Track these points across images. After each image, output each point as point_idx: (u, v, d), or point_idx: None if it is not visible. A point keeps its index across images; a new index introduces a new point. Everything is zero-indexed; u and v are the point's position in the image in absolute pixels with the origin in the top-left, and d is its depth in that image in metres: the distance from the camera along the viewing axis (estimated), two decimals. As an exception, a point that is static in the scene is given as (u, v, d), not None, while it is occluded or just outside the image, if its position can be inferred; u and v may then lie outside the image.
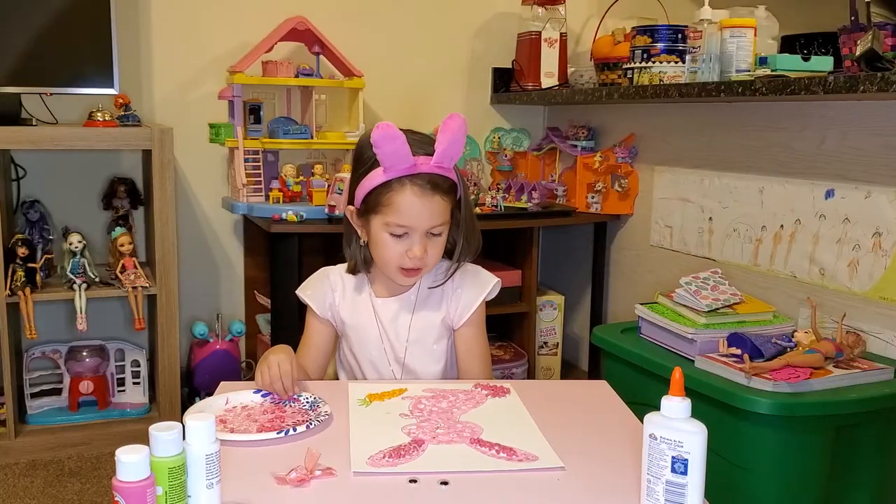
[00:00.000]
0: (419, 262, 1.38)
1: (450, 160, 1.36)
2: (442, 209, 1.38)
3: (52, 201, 2.60)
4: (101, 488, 2.18)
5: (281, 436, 1.10)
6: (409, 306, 1.48)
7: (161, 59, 2.69)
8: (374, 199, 1.38)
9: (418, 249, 1.37)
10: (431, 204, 1.36)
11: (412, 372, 1.47)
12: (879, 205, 1.81)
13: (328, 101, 2.69)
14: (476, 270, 1.52)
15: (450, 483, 0.98)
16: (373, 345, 1.48)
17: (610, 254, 2.80)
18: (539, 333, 2.78)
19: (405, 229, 1.37)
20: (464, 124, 1.34)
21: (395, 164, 1.33)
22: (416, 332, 1.47)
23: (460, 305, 1.48)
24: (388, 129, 1.29)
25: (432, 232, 1.38)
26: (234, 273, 2.86)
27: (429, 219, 1.37)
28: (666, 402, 0.89)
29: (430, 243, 1.39)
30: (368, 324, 1.48)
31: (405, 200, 1.35)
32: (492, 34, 3.06)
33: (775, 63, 1.98)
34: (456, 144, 1.34)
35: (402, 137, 1.31)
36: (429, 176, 1.35)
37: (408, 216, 1.36)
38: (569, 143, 2.83)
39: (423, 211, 1.36)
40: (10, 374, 2.27)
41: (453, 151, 1.35)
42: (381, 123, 1.30)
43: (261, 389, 1.26)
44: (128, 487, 0.81)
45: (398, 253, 1.38)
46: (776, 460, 1.57)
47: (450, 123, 1.33)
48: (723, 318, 1.84)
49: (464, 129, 1.35)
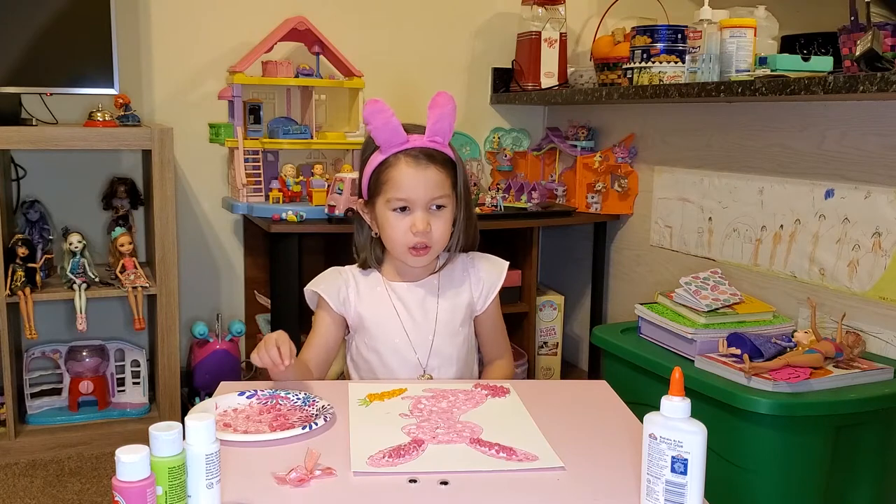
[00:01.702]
0: (424, 237, 1.40)
1: (443, 134, 1.40)
2: (439, 180, 1.40)
3: (52, 201, 2.60)
4: (101, 488, 2.18)
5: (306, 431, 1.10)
6: (434, 290, 1.49)
7: (161, 59, 2.69)
8: (375, 180, 1.42)
9: (421, 222, 1.39)
10: (427, 174, 1.39)
11: (440, 355, 1.48)
12: (879, 205, 1.81)
13: (328, 101, 2.69)
14: (488, 256, 1.56)
15: (450, 483, 0.98)
16: (395, 333, 1.47)
17: (610, 254, 2.80)
18: (539, 333, 2.78)
19: (405, 202, 1.40)
20: (452, 100, 1.39)
21: (388, 138, 1.38)
22: (444, 313, 1.48)
23: (484, 288, 1.52)
24: (377, 104, 1.36)
25: (435, 205, 1.41)
26: (234, 273, 2.86)
27: (425, 189, 1.39)
28: (666, 402, 0.89)
29: (434, 218, 1.41)
30: (388, 314, 1.48)
31: (401, 172, 1.39)
32: (492, 34, 3.06)
33: (775, 63, 1.98)
34: (446, 118, 1.39)
35: (391, 111, 1.36)
36: (422, 148, 1.39)
37: (405, 188, 1.38)
38: (569, 143, 2.83)
39: (420, 181, 1.38)
40: (10, 374, 2.27)
41: (444, 125, 1.39)
42: (370, 100, 1.36)
43: (244, 391, 1.25)
44: (128, 487, 0.81)
45: (403, 230, 1.40)
46: (776, 460, 1.57)
47: (438, 99, 1.39)
48: (723, 318, 1.84)
49: (452, 105, 1.40)
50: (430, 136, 1.40)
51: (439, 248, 1.46)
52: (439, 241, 1.44)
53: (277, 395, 1.25)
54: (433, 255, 1.47)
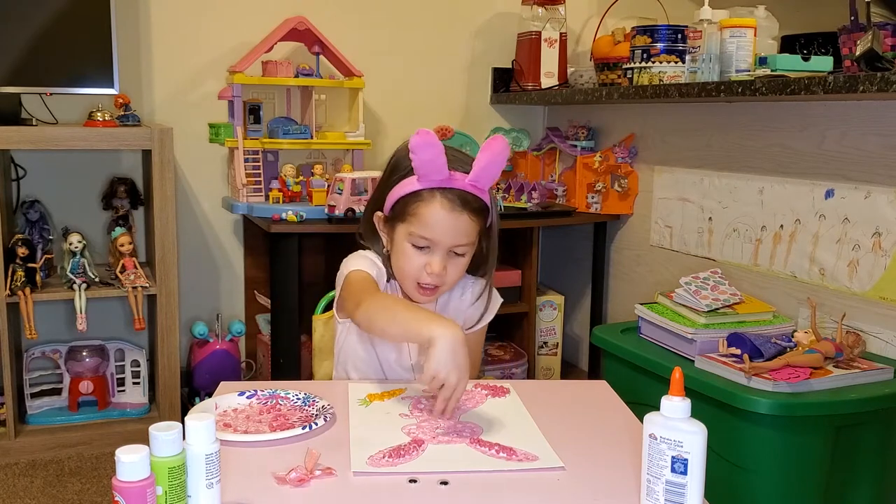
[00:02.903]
0: (437, 279, 1.35)
1: (486, 180, 1.34)
2: (469, 229, 1.35)
3: (52, 201, 2.60)
4: (101, 488, 2.18)
5: (306, 431, 1.10)
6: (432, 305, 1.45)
7: (161, 59, 2.69)
8: (402, 207, 1.36)
9: (437, 265, 1.34)
10: (459, 221, 1.33)
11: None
12: (879, 205, 1.81)
13: (328, 101, 2.69)
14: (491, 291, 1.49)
15: (450, 483, 0.98)
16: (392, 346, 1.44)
17: (610, 254, 2.80)
18: (539, 333, 2.78)
19: (428, 242, 1.34)
20: (506, 147, 1.33)
21: (429, 173, 1.31)
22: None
23: (469, 318, 1.48)
24: (428, 137, 1.28)
25: (455, 251, 1.36)
26: (234, 273, 2.86)
27: (453, 235, 1.34)
28: (666, 402, 0.89)
29: (451, 262, 1.36)
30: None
31: (433, 212, 1.32)
32: (492, 34, 3.06)
33: (775, 63, 1.98)
34: (495, 165, 1.32)
35: (441, 147, 1.29)
36: (461, 192, 1.33)
37: (433, 229, 1.33)
38: (569, 143, 2.83)
39: (449, 226, 1.33)
40: (10, 374, 2.27)
41: (492, 171, 1.32)
42: (421, 130, 1.28)
43: (244, 391, 1.24)
44: (128, 487, 0.81)
45: (417, 266, 1.35)
46: (776, 460, 1.57)
47: (492, 143, 1.31)
48: (723, 318, 1.84)
49: (506, 153, 1.32)
50: (473, 180, 1.33)
51: (447, 289, 1.42)
52: (450, 283, 1.40)
53: (277, 395, 1.24)
54: (439, 295, 1.43)
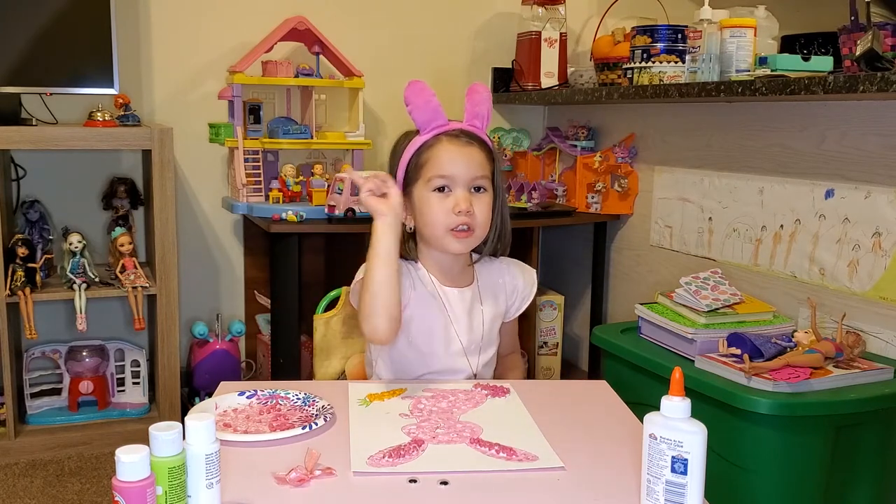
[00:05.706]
0: (467, 218, 1.36)
1: (481, 120, 1.41)
2: (481, 159, 1.39)
3: (52, 201, 2.60)
4: (101, 488, 2.18)
5: (306, 431, 1.10)
6: (477, 298, 1.46)
7: (161, 59, 2.69)
8: (414, 166, 1.40)
9: (463, 201, 1.35)
10: (469, 152, 1.38)
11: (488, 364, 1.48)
12: (879, 205, 1.81)
13: (328, 101, 2.69)
14: (521, 264, 1.53)
15: (450, 483, 0.98)
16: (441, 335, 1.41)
17: (610, 254, 2.80)
18: (539, 333, 2.78)
19: (446, 180, 1.37)
20: (487, 89, 1.43)
21: (428, 119, 1.38)
22: (489, 320, 1.46)
23: (518, 298, 1.51)
24: (419, 84, 1.37)
25: (475, 186, 1.38)
26: (234, 273, 2.86)
27: (468, 166, 1.37)
28: (666, 402, 0.89)
29: (475, 200, 1.37)
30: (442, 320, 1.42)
31: (442, 149, 1.38)
32: (492, 34, 3.06)
33: (775, 63, 1.98)
34: (483, 104, 1.41)
35: (432, 92, 1.37)
36: (462, 130, 1.39)
37: (447, 164, 1.36)
38: (569, 143, 2.83)
39: (462, 158, 1.37)
40: (10, 374, 2.27)
41: (482, 110, 1.40)
42: (412, 81, 1.37)
43: (244, 391, 1.24)
44: (128, 487, 0.81)
45: (445, 210, 1.36)
46: (776, 460, 1.57)
47: (475, 87, 1.42)
48: (723, 318, 1.84)
49: (488, 93, 1.43)
50: (469, 119, 1.40)
51: (481, 233, 1.40)
52: (482, 224, 1.39)
53: (277, 395, 1.25)
54: (475, 242, 1.41)
